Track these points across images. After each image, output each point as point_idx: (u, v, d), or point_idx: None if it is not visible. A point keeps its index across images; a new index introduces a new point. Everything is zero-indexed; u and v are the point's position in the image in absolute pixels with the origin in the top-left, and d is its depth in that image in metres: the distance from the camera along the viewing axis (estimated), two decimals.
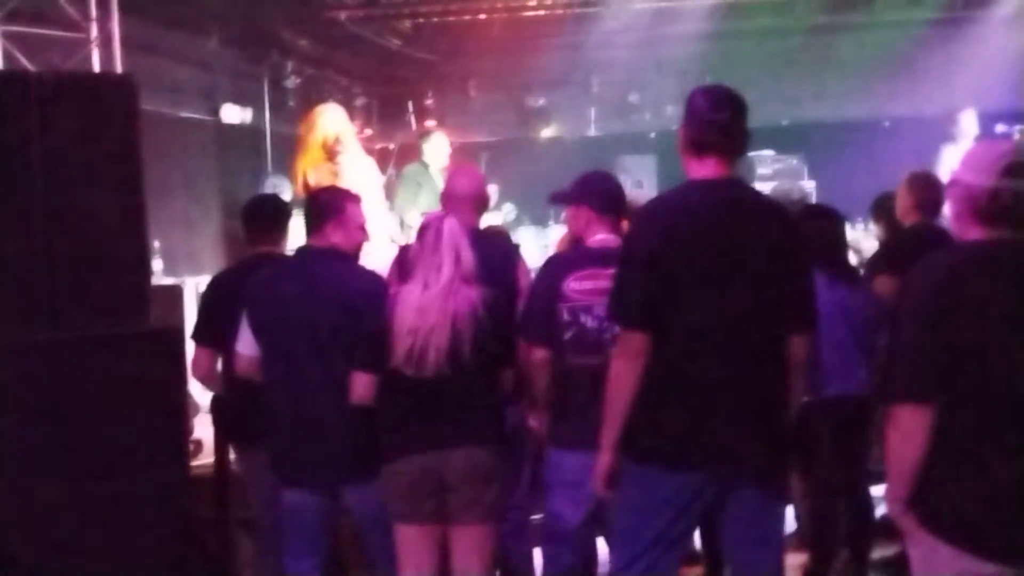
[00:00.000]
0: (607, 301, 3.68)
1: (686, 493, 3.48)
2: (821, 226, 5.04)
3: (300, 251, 4.42)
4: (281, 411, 4.19)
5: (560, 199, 4.60)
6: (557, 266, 4.38)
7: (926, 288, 2.91)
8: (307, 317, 4.10)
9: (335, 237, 4.23)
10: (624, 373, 3.47)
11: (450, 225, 4.03)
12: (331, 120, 7.44)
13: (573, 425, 4.12)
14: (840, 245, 5.06)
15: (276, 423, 4.22)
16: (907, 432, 2.89)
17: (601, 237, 4.25)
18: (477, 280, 4.02)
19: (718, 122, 3.54)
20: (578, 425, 4.03)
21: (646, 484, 3.50)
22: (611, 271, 3.68)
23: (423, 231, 4.07)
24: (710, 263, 3.42)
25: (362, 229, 4.35)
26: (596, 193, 4.38)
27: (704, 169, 3.55)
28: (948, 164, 8.39)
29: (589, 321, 4.15)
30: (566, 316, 4.20)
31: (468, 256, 4.00)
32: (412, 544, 4.01)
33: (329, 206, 4.29)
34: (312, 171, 7.25)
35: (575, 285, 4.20)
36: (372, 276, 4.34)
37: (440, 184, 7.22)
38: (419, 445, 3.94)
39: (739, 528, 3.59)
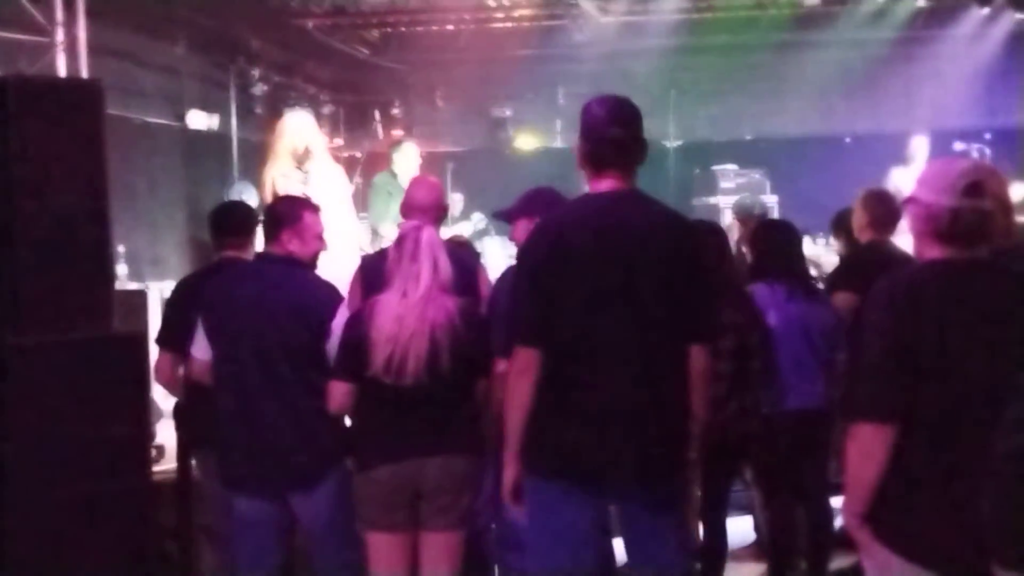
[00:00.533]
0: None
1: (585, 507, 3.48)
2: (777, 238, 5.11)
3: (257, 257, 4.43)
4: (228, 416, 4.19)
5: (506, 215, 4.62)
6: None
7: (887, 307, 2.91)
8: (256, 322, 4.11)
9: (291, 245, 4.24)
10: (516, 389, 3.46)
11: (428, 234, 4.06)
12: (300, 128, 7.42)
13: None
14: (797, 257, 5.12)
15: (223, 428, 4.22)
16: (868, 449, 2.90)
17: None
18: (452, 290, 4.05)
19: (616, 138, 3.51)
20: None
21: (544, 498, 3.49)
22: None
23: (401, 240, 4.08)
24: (600, 277, 3.40)
25: (319, 238, 4.35)
26: (549, 207, 4.41)
27: (602, 183, 3.53)
28: (896, 186, 8.48)
29: None
30: None
31: (446, 265, 4.03)
32: (384, 551, 4.03)
33: (286, 214, 4.31)
34: (280, 179, 7.23)
35: None
36: (324, 285, 4.33)
37: None
38: (396, 453, 3.94)
39: (638, 542, 3.59)
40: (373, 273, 4.34)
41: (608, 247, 3.41)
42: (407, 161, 8.78)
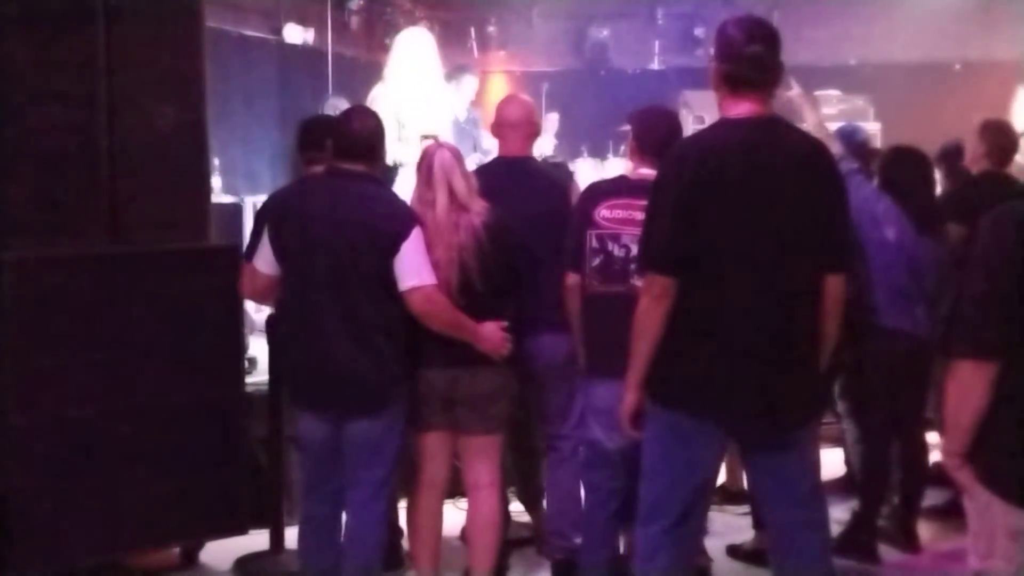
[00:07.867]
0: (637, 234, 3.67)
1: (707, 438, 3.47)
2: (912, 171, 4.97)
3: (329, 171, 4.17)
4: (293, 335, 4.06)
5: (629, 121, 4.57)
6: (592, 194, 4.40)
7: (994, 242, 2.82)
8: (329, 239, 3.92)
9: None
10: (648, 315, 3.43)
11: (441, 156, 4.10)
12: (415, 47, 7.08)
13: (599, 353, 4.18)
14: (928, 194, 5.00)
15: (288, 347, 4.12)
16: (968, 387, 2.82)
17: (644, 172, 4.17)
18: (479, 200, 4.10)
19: (754, 55, 3.38)
20: (603, 353, 4.09)
21: (666, 426, 3.49)
22: (644, 203, 3.62)
23: (419, 163, 4.16)
24: (739, 205, 3.33)
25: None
26: (642, 129, 4.36)
27: (740, 107, 3.42)
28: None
29: (616, 249, 4.15)
30: (594, 243, 4.22)
31: (460, 184, 4.08)
32: (429, 448, 4.21)
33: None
34: (381, 100, 6.87)
35: (606, 213, 4.22)
36: (400, 203, 4.14)
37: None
38: (431, 361, 4.07)
39: (767, 481, 3.58)
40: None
41: (754, 177, 3.34)
42: (465, 94, 8.58)
